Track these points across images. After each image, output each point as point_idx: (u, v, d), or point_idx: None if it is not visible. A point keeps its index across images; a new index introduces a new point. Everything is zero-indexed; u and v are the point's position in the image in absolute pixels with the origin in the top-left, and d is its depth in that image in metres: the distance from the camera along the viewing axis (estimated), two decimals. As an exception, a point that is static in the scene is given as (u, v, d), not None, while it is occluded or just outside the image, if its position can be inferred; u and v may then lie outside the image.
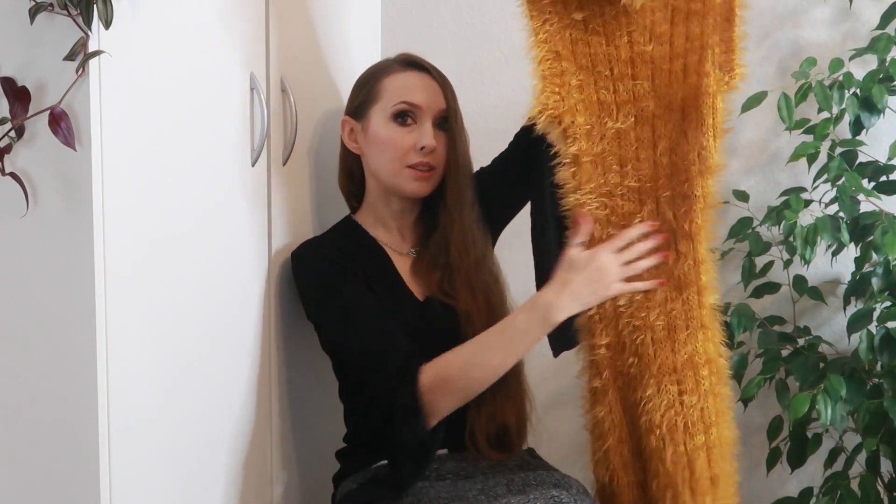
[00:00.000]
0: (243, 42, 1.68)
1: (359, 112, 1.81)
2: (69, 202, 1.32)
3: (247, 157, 1.70)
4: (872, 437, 1.97)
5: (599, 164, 1.63)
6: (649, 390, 1.61)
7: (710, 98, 1.59)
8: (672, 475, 1.60)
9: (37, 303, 1.35)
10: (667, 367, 1.61)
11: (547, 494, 1.58)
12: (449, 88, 1.81)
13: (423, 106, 1.77)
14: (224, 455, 1.66)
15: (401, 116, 1.77)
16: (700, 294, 1.62)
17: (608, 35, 1.63)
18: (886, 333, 1.99)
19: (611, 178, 1.64)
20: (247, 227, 1.71)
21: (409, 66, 1.81)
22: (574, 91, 1.62)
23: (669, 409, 1.60)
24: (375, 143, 1.78)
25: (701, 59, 1.60)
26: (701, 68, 1.60)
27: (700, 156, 1.60)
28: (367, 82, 1.82)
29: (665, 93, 1.63)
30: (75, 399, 1.35)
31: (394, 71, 1.81)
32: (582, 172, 1.63)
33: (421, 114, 1.77)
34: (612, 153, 1.63)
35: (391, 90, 1.78)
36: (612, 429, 1.63)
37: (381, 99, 1.79)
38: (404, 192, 1.79)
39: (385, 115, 1.78)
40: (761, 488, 2.34)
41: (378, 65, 1.86)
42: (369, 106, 1.80)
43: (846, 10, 2.25)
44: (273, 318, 1.78)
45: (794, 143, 2.20)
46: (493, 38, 2.37)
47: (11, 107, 1.31)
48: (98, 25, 1.29)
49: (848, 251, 2.11)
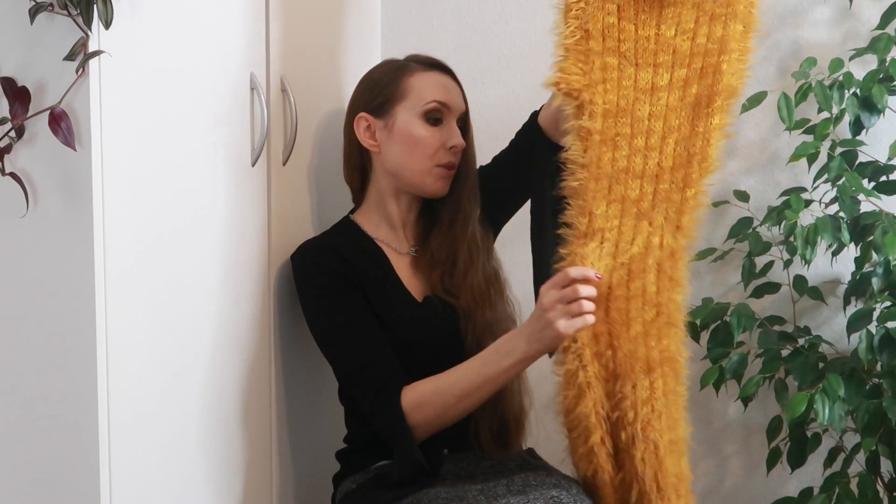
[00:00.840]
0: (243, 42, 1.68)
1: (381, 109, 1.81)
2: (69, 202, 1.32)
3: (247, 157, 1.70)
4: (871, 437, 1.97)
5: (610, 146, 1.64)
6: (627, 386, 1.60)
7: (720, 99, 1.63)
8: (641, 472, 1.60)
9: (37, 303, 1.35)
10: (642, 363, 1.61)
11: (546, 495, 1.59)
12: (463, 90, 1.85)
13: (452, 106, 1.80)
14: (224, 455, 1.66)
15: (432, 115, 1.79)
16: (671, 289, 1.63)
17: (638, 24, 1.65)
18: (886, 333, 1.99)
19: (618, 162, 1.64)
20: (247, 227, 1.71)
21: (433, 66, 1.84)
22: (597, 70, 1.64)
23: (645, 405, 1.60)
24: (404, 142, 1.79)
25: (719, 61, 1.63)
26: (718, 69, 1.63)
27: (702, 153, 1.62)
28: (388, 81, 1.82)
29: (681, 87, 1.65)
30: (75, 398, 1.35)
31: (418, 70, 1.82)
32: (592, 150, 1.63)
33: (448, 114, 1.80)
34: (625, 138, 1.64)
35: (420, 89, 1.79)
36: (598, 424, 1.62)
37: (408, 97, 1.79)
38: (427, 191, 1.80)
39: (414, 113, 1.79)
40: (761, 488, 2.34)
41: (393, 63, 1.86)
42: (394, 104, 1.80)
43: (846, 10, 2.25)
44: (273, 318, 1.78)
45: (794, 143, 2.20)
46: (493, 38, 2.37)
47: (11, 107, 1.31)
48: (98, 25, 1.29)
49: (848, 251, 2.11)
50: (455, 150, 1.79)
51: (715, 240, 2.30)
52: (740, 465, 2.37)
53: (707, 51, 1.65)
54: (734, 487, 2.38)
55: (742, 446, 2.37)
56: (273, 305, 1.78)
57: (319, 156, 1.94)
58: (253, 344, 1.73)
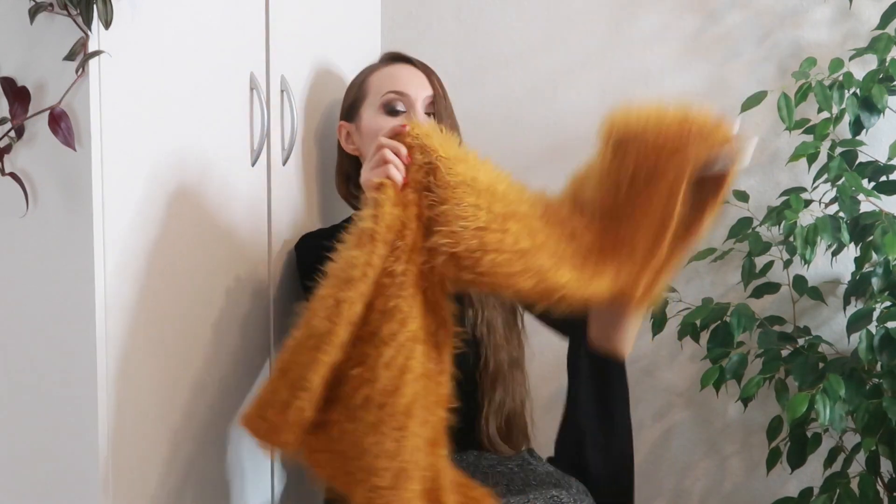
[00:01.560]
0: (243, 42, 1.68)
1: (350, 113, 1.84)
2: (69, 202, 1.32)
3: (247, 157, 1.70)
4: (872, 437, 1.97)
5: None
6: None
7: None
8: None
9: (37, 303, 1.35)
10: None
11: (546, 494, 1.59)
12: (434, 76, 1.83)
13: (409, 94, 1.79)
14: (224, 454, 1.66)
15: (390, 106, 1.79)
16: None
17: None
18: (886, 333, 1.99)
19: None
20: (247, 227, 1.71)
21: (391, 60, 1.86)
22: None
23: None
24: (369, 137, 1.78)
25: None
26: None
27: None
28: (355, 84, 1.86)
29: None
30: (75, 399, 1.35)
31: (379, 67, 1.85)
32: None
33: (410, 102, 1.79)
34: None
35: (377, 84, 1.81)
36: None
37: (368, 95, 1.82)
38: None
39: (374, 108, 1.80)
40: (761, 488, 2.34)
41: (365, 68, 1.89)
42: (359, 105, 1.82)
43: (846, 10, 2.25)
44: (273, 317, 1.78)
45: (794, 143, 2.20)
46: (493, 38, 2.37)
47: (11, 107, 1.31)
48: (98, 25, 1.29)
49: (848, 251, 2.11)
50: None
51: (715, 240, 2.30)
52: (740, 465, 2.37)
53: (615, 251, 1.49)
54: (734, 487, 2.38)
55: (742, 446, 2.37)
56: (273, 305, 1.78)
57: (319, 156, 1.94)
58: (253, 344, 1.73)
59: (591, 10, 2.34)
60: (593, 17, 2.34)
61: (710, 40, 2.31)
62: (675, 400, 2.37)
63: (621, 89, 2.33)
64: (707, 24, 2.31)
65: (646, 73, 2.33)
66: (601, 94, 2.34)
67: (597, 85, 2.34)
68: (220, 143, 1.62)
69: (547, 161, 2.35)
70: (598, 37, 2.34)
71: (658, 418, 2.38)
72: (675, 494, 2.39)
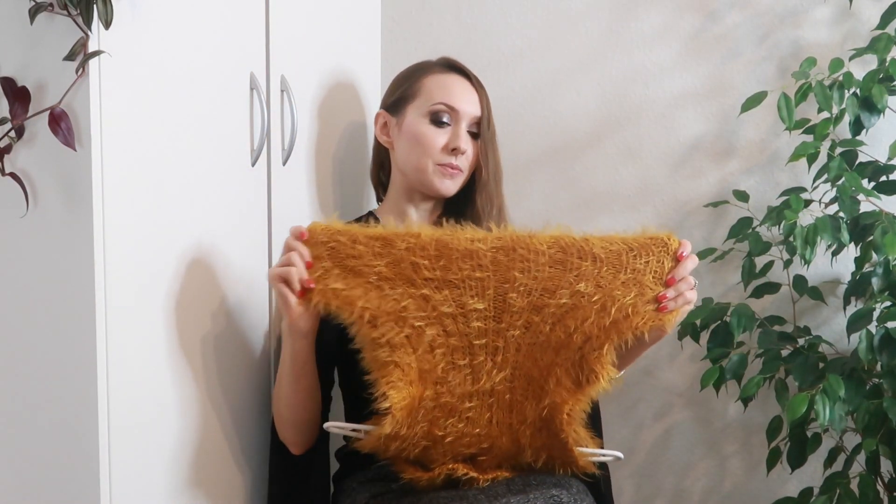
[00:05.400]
0: (243, 42, 1.68)
1: (395, 107, 1.86)
2: (69, 202, 1.32)
3: (247, 157, 1.70)
4: (872, 437, 1.97)
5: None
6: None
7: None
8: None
9: (37, 303, 1.35)
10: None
11: (547, 494, 1.59)
12: (485, 97, 1.85)
13: (459, 110, 1.81)
14: (224, 454, 1.66)
15: (436, 116, 1.80)
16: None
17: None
18: (886, 333, 2.00)
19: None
20: (247, 227, 1.71)
21: (450, 68, 1.86)
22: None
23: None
24: (408, 139, 1.83)
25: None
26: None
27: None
28: (406, 79, 1.87)
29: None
30: (75, 399, 1.35)
31: (434, 71, 1.85)
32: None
33: (456, 117, 1.81)
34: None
35: (430, 90, 1.82)
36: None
37: (418, 97, 1.83)
38: (431, 189, 1.82)
39: (421, 113, 1.82)
40: (761, 488, 2.34)
41: (420, 63, 1.90)
42: (406, 102, 1.84)
43: (846, 10, 2.25)
44: (273, 318, 1.78)
45: (794, 143, 2.20)
46: (493, 38, 2.37)
47: (11, 107, 1.31)
48: (98, 25, 1.29)
49: (848, 251, 2.11)
50: (457, 152, 1.80)
51: (715, 240, 2.30)
52: (740, 465, 2.37)
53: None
54: (734, 487, 2.38)
55: (742, 446, 2.37)
56: (274, 306, 1.78)
57: (319, 156, 1.94)
58: (253, 344, 1.73)
59: (591, 10, 2.34)
60: (593, 17, 2.34)
61: (710, 40, 2.31)
62: (675, 400, 2.37)
63: (621, 89, 2.34)
64: (707, 24, 2.31)
65: (646, 73, 2.33)
66: (601, 94, 2.34)
67: (597, 85, 2.34)
68: (220, 143, 1.62)
69: (547, 161, 2.36)
70: (598, 37, 2.34)
71: (658, 418, 2.38)
72: (675, 494, 2.40)
